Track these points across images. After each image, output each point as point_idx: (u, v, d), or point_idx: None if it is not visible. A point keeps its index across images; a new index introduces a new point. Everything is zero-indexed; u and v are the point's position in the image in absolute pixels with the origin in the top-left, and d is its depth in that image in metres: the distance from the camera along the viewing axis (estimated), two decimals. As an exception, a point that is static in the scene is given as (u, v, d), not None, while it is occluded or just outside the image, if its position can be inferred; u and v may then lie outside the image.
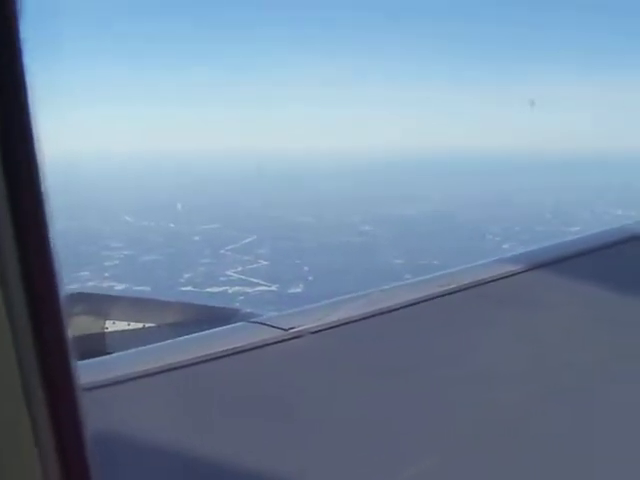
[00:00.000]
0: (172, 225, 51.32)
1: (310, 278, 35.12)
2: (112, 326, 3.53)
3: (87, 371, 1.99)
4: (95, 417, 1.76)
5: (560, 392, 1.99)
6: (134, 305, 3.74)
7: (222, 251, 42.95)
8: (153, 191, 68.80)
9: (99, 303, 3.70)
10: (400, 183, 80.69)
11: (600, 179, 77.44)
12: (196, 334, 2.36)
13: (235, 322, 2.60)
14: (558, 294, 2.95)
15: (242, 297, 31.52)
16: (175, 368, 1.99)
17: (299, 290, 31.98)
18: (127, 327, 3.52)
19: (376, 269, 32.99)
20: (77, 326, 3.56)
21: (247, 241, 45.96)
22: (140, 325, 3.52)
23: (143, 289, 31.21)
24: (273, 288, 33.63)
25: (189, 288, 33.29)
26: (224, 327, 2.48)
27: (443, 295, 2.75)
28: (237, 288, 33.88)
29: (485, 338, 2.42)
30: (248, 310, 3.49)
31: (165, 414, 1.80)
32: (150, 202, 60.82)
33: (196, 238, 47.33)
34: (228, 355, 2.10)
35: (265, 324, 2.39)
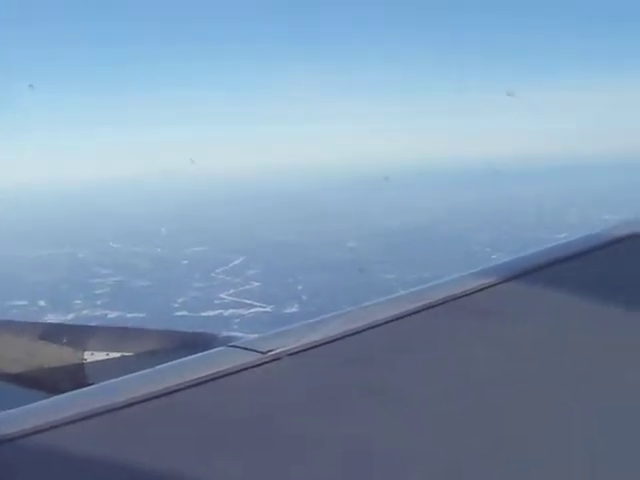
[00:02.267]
0: (159, 250, 51.20)
1: (304, 297, 35.10)
2: (90, 357, 3.54)
3: (67, 404, 1.99)
4: (80, 450, 1.68)
5: (548, 404, 1.98)
6: (111, 335, 3.73)
7: (212, 274, 42.90)
8: (132, 217, 68.71)
9: (76, 334, 3.70)
10: (384, 196, 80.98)
11: (585, 183, 77.98)
12: (174, 361, 2.32)
13: (214, 347, 2.53)
14: (543, 303, 2.88)
15: (238, 319, 31.49)
16: (154, 397, 1.96)
17: (295, 310, 32.00)
18: (106, 357, 3.52)
19: (368, 284, 33.00)
20: (56, 358, 3.56)
21: (236, 262, 45.93)
22: (118, 355, 3.52)
23: (137, 316, 31.14)
24: (268, 309, 33.60)
25: (184, 313, 33.25)
26: (201, 353, 2.41)
27: (424, 309, 2.68)
28: (232, 311, 33.82)
29: (469, 352, 2.38)
30: (225, 334, 3.47)
31: (147, 443, 1.77)
32: (132, 228, 60.72)
33: (185, 262, 47.27)
34: (205, 382, 2.06)
35: (242, 348, 2.34)
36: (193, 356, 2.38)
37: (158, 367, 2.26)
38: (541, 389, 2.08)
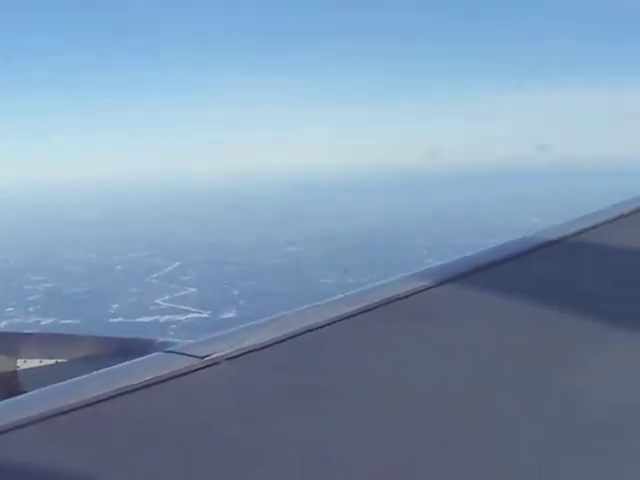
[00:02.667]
0: (94, 256, 50.41)
1: (241, 302, 34.95)
2: (24, 364, 3.48)
3: (1, 412, 1.95)
4: (15, 459, 1.66)
5: (482, 405, 2.02)
6: (45, 342, 3.66)
7: (148, 279, 42.37)
8: (65, 222, 67.51)
9: (8, 341, 3.63)
10: (325, 201, 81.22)
11: (521, 189, 79.35)
12: (109, 368, 2.28)
13: (150, 352, 2.49)
14: (476, 305, 2.94)
15: (174, 325, 31.26)
16: (90, 404, 1.93)
17: (232, 315, 31.85)
18: (39, 364, 3.46)
19: (306, 289, 33.08)
20: None
21: (172, 268, 45.47)
22: (52, 362, 3.47)
23: (71, 323, 30.61)
24: (205, 315, 33.36)
25: (120, 319, 32.75)
26: (138, 359, 2.38)
27: (360, 312, 2.70)
28: (168, 317, 33.50)
29: (404, 354, 2.40)
30: (162, 339, 3.43)
31: (84, 451, 1.74)
32: (65, 233, 59.68)
33: (119, 267, 46.62)
34: (143, 387, 2.04)
35: (180, 353, 2.32)
36: (129, 362, 2.34)
37: (93, 374, 2.21)
38: (475, 391, 2.12)
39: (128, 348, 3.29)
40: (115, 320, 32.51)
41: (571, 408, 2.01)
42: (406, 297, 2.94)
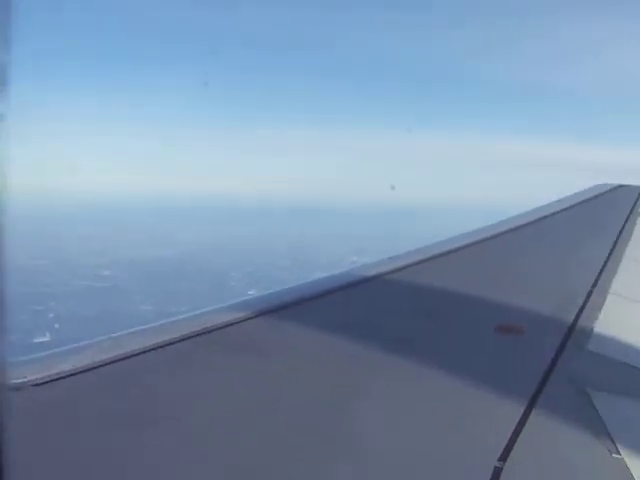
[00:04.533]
0: None
1: (57, 326, 33.35)
2: None
3: None
4: None
5: (295, 435, 2.10)
6: None
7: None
8: None
9: None
10: (139, 227, 79.47)
11: (346, 227, 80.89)
12: None
13: None
14: (287, 338, 3.02)
15: (-21, 351, 29.35)
16: None
17: (46, 339, 30.33)
18: None
19: (125, 315, 32.15)
20: None
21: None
22: None
23: None
24: (14, 338, 31.53)
25: None
26: None
27: (176, 342, 2.75)
28: (-28, 341, 31.37)
29: (213, 385, 2.44)
30: None
31: None
32: None
33: None
34: None
35: None
36: None
37: None
38: (285, 420, 2.18)
39: None
40: None
41: (358, 433, 2.12)
42: (224, 327, 2.97)
